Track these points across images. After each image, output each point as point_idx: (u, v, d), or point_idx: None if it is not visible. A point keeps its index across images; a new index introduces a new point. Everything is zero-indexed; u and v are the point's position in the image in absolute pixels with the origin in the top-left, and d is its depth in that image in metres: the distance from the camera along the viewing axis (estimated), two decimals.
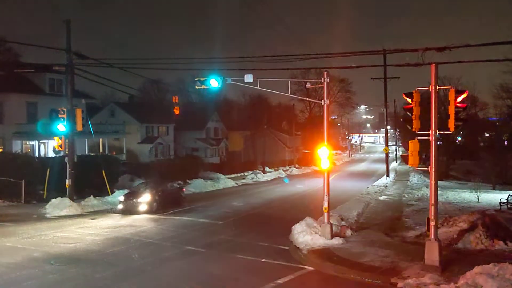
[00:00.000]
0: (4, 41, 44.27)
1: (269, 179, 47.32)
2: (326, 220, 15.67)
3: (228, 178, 43.00)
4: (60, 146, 23.79)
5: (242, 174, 50.74)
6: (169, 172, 39.15)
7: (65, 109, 23.55)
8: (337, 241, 15.20)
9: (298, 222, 16.77)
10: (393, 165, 64.81)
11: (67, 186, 24.35)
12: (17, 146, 36.15)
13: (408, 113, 12.76)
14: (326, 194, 15.81)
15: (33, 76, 38.54)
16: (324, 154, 15.42)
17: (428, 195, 13.83)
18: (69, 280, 11.43)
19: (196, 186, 35.50)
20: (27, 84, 38.04)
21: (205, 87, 18.24)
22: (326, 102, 16.10)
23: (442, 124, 12.55)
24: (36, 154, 36.27)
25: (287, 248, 15.16)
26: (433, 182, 12.36)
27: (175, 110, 26.70)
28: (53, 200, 23.53)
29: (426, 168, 12.85)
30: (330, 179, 16.23)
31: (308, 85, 17.77)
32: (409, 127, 12.71)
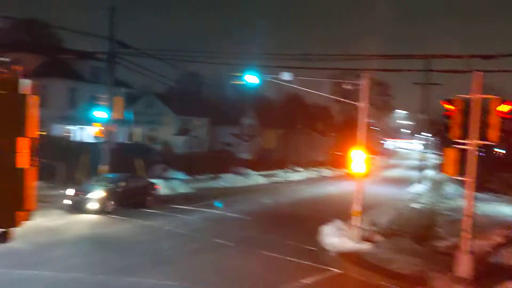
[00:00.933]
0: (49, 26, 45.66)
1: (300, 179, 47.12)
2: (356, 224, 15.48)
3: (259, 174, 43.05)
4: (99, 132, 24.40)
5: (274, 171, 50.66)
6: (201, 164, 39.57)
7: (105, 97, 24.12)
8: (366, 245, 15.00)
9: (327, 224, 16.64)
10: (429, 173, 63.31)
11: (101, 171, 24.94)
12: (57, 130, 37.27)
13: (448, 120, 12.44)
14: (358, 197, 15.62)
15: (76, 63, 39.60)
16: (358, 157, 15.23)
17: (463, 206, 13.46)
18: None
19: (227, 180, 35.72)
20: (69, 70, 39.14)
21: (242, 82, 18.30)
22: (363, 104, 15.88)
23: (482, 134, 12.18)
24: (75, 139, 37.31)
25: (314, 248, 15.07)
26: (469, 193, 12.02)
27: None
28: None
29: (463, 178, 12.51)
30: (362, 183, 16.02)
31: (345, 86, 17.58)
32: (448, 135, 12.40)
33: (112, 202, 19.55)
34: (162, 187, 27.27)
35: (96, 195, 19.11)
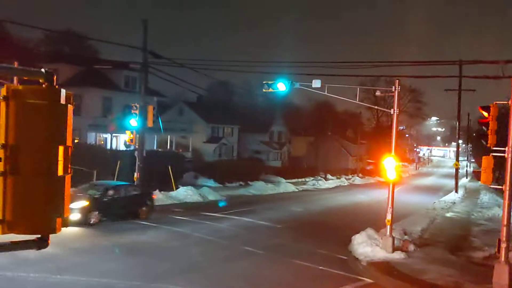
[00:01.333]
0: (86, 37, 47.07)
1: (330, 187, 46.74)
2: (388, 233, 15.23)
3: (289, 182, 42.97)
4: (131, 140, 24.87)
5: (303, 179, 50.49)
6: (231, 172, 39.79)
7: (138, 105, 24.59)
8: (398, 255, 14.72)
9: (358, 233, 16.43)
10: (463, 181, 61.76)
11: (135, 179, 25.38)
12: (91, 138, 38.21)
13: (484, 127, 12.14)
14: (390, 206, 15.38)
15: (110, 72, 40.61)
16: (390, 165, 15.01)
17: (500, 215, 13.07)
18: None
19: (257, 188, 35.78)
20: (104, 80, 40.15)
21: (272, 90, 18.34)
22: (395, 111, 15.68)
23: None
24: (108, 147, 38.15)
25: (345, 258, 14.90)
26: (507, 202, 11.66)
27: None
28: None
29: (499, 187, 12.17)
30: (394, 191, 15.77)
31: (377, 93, 17.41)
32: (484, 142, 12.10)
33: (97, 213, 17.70)
34: (192, 194, 27.58)
35: (77, 205, 16.94)
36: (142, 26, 25.06)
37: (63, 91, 2.75)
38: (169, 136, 44.77)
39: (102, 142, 38.97)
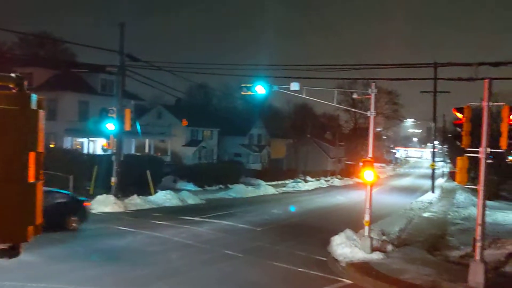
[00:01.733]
0: (61, 41, 46.36)
1: (310, 189, 46.95)
2: (366, 234, 15.37)
3: (269, 185, 43.02)
4: (108, 144, 24.57)
5: (283, 182, 50.62)
6: (211, 175, 39.65)
7: (115, 109, 24.33)
8: (377, 255, 14.87)
9: (337, 234, 16.53)
10: (440, 181, 62.80)
11: (112, 184, 25.08)
12: (67, 142, 37.60)
13: (458, 128, 12.36)
14: (368, 207, 15.53)
15: (87, 76, 40.09)
16: (367, 166, 15.16)
17: (475, 214, 13.32)
18: None
19: (237, 191, 35.72)
20: (80, 83, 39.60)
21: (251, 93, 18.36)
22: (372, 113, 15.86)
23: (493, 142, 12.09)
24: (85, 151, 37.60)
25: (324, 259, 14.97)
26: (481, 201, 11.91)
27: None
28: (98, 196, 24.28)
29: (474, 186, 12.42)
30: (372, 192, 15.93)
31: (354, 96, 17.61)
32: (458, 143, 12.32)
33: None
34: (171, 198, 27.35)
35: None
36: (119, 29, 24.84)
37: (34, 96, 2.68)
38: (147, 140, 44.36)
39: (79, 147, 38.40)
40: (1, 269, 10.53)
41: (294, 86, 17.08)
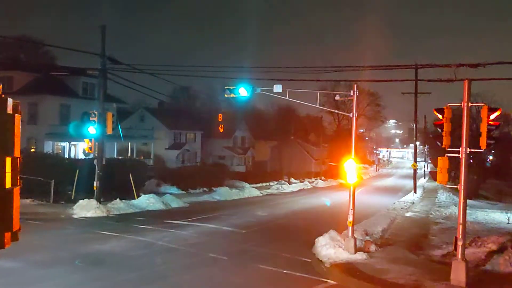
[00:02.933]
0: (41, 44, 45.75)
1: (294, 190, 47.08)
2: (350, 234, 15.46)
3: (253, 187, 43.01)
4: (90, 148, 24.27)
5: (268, 184, 50.67)
6: (194, 178, 39.47)
7: (96, 112, 24.06)
8: (360, 256, 14.96)
9: (321, 235, 16.60)
10: (421, 181, 63.59)
11: (94, 188, 24.78)
12: (48, 146, 37.10)
13: (439, 129, 12.52)
14: (351, 207, 15.63)
15: (68, 79, 39.63)
16: (350, 167, 15.26)
17: (456, 213, 13.50)
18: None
19: (221, 194, 35.61)
20: (61, 86, 39.13)
21: (234, 95, 18.34)
22: (354, 115, 15.97)
23: (473, 142, 12.28)
24: (67, 155, 37.14)
25: (309, 260, 15.01)
26: (462, 201, 12.07)
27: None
28: (80, 201, 23.99)
29: (455, 186, 12.58)
30: (356, 193, 16.04)
31: (337, 97, 17.68)
32: (439, 144, 12.48)
33: None
34: (155, 201, 27.18)
35: None
36: (100, 31, 24.61)
37: (10, 100, 2.63)
38: (129, 143, 44.01)
39: (60, 151, 37.89)
40: None
41: (277, 88, 17.15)
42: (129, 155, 42.74)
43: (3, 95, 2.63)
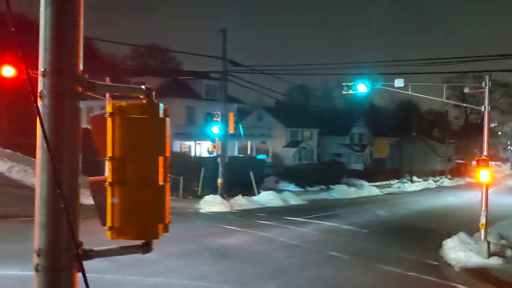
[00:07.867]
0: (168, 50, 49.36)
1: (417, 189, 44.94)
2: (483, 237, 14.38)
3: (372, 185, 41.91)
4: (214, 147, 25.64)
5: (387, 182, 49.00)
6: (312, 176, 39.62)
7: (219, 113, 25.33)
8: (495, 261, 13.83)
9: (449, 237, 15.68)
10: None
11: (218, 185, 26.12)
12: (176, 146, 39.88)
13: None
14: (484, 208, 14.51)
15: (192, 82, 42.21)
16: (483, 165, 14.16)
17: None
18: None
19: (339, 192, 35.29)
20: (186, 89, 41.81)
21: (352, 92, 18.07)
22: (487, 108, 14.79)
23: None
24: (193, 154, 39.59)
25: (436, 263, 14.26)
26: None
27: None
28: (206, 197, 25.42)
29: None
30: (488, 193, 14.85)
31: (466, 90, 16.52)
32: None
33: None
34: (274, 198, 27.81)
35: None
36: (222, 36, 25.82)
37: (161, 106, 2.95)
38: (249, 142, 45.50)
39: (187, 150, 40.51)
40: (124, 264, 11.49)
41: (399, 82, 16.54)
42: (248, 153, 44.24)
43: (155, 101, 2.92)
